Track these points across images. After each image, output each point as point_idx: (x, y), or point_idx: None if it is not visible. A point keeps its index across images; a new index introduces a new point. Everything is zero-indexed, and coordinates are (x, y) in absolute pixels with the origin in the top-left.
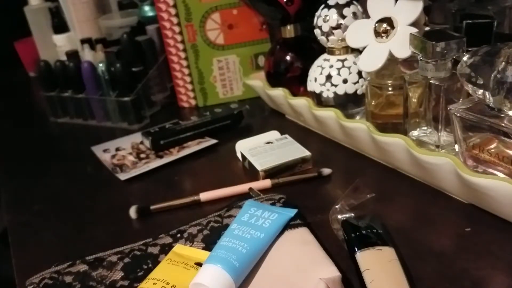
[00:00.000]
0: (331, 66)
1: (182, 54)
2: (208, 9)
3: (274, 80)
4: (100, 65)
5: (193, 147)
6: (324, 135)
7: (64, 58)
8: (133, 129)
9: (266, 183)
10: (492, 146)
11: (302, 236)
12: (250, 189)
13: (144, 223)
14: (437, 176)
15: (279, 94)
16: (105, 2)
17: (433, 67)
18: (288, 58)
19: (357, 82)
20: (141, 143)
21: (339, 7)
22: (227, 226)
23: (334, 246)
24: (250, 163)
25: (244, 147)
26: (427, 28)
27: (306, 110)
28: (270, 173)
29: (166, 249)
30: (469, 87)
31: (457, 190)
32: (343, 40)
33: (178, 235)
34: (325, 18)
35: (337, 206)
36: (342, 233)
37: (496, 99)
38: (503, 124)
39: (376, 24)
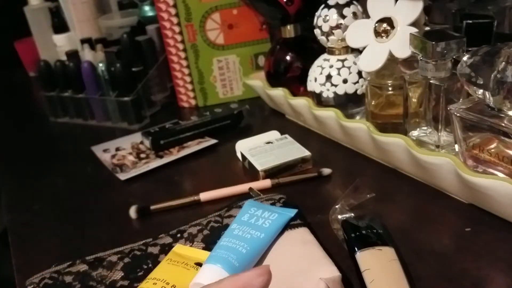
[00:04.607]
0: (331, 66)
1: (182, 54)
2: (208, 9)
3: (274, 80)
4: (100, 65)
5: (193, 147)
6: (324, 135)
7: (64, 58)
8: (133, 129)
9: (266, 183)
10: (492, 146)
11: (302, 236)
12: (250, 189)
13: (144, 223)
14: (437, 176)
15: (279, 94)
16: (105, 2)
17: (433, 67)
18: (288, 58)
19: (357, 82)
20: (141, 143)
21: (339, 7)
22: (227, 226)
23: (334, 246)
24: (250, 163)
25: (244, 147)
26: (427, 28)
27: (306, 110)
28: (270, 173)
29: (166, 249)
30: (469, 87)
31: (457, 190)
32: (343, 40)
33: (178, 235)
34: (325, 18)
35: (337, 206)
36: (342, 233)
37: (496, 99)
38: (503, 124)
39: (376, 24)
